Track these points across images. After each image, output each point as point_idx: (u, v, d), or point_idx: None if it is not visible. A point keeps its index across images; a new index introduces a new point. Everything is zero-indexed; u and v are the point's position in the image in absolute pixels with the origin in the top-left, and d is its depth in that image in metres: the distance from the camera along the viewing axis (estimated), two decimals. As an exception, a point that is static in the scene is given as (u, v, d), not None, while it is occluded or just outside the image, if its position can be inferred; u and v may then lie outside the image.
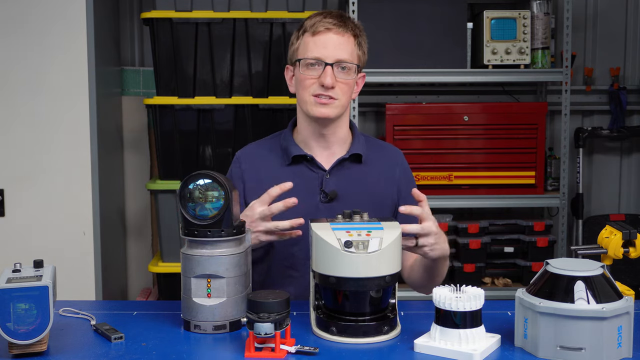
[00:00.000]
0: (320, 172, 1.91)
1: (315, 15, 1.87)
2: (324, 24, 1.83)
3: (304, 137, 1.94)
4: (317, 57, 1.83)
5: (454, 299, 1.37)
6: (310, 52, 1.84)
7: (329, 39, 1.83)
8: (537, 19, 3.50)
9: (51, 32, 3.01)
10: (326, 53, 1.82)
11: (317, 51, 1.83)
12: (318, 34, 1.84)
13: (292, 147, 1.92)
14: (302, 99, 1.88)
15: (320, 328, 1.50)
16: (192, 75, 3.24)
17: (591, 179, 3.99)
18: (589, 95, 3.89)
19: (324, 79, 1.81)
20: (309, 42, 1.85)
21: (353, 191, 1.90)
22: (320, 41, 1.83)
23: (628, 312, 1.34)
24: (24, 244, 3.05)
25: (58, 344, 1.45)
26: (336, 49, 1.83)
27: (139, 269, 3.81)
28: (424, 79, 3.48)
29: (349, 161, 1.93)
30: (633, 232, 1.64)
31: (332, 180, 1.90)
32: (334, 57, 1.83)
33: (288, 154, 1.92)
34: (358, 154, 1.93)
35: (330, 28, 1.83)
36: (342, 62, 1.83)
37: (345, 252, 1.42)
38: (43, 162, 3.06)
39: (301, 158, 1.92)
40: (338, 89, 1.84)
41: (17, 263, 1.44)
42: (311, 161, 1.91)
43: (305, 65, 1.84)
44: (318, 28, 1.83)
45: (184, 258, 1.53)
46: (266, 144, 2.00)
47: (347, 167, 1.93)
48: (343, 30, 1.84)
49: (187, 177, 1.53)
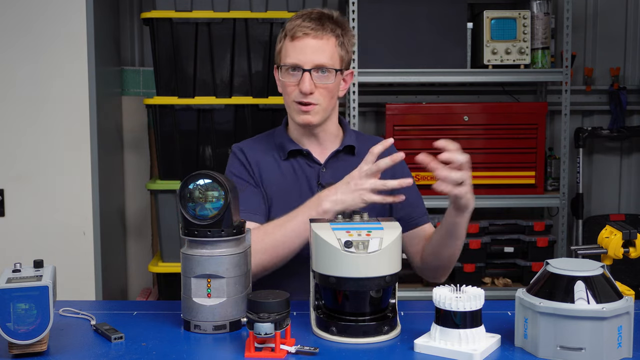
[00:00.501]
0: (316, 166, 1.93)
1: (296, 18, 1.86)
2: (301, 29, 1.82)
3: (296, 136, 1.96)
4: (294, 64, 1.83)
5: (454, 299, 1.37)
6: (289, 58, 1.84)
7: (307, 44, 1.82)
8: (537, 19, 3.50)
9: (51, 32, 3.01)
10: (304, 59, 1.82)
11: (295, 57, 1.83)
12: (296, 39, 1.83)
13: (288, 142, 1.94)
14: (286, 103, 1.90)
15: (320, 328, 1.50)
16: (192, 75, 3.24)
17: (591, 179, 3.99)
18: (589, 95, 3.89)
19: (301, 86, 1.82)
20: (288, 48, 1.84)
21: None
22: (298, 47, 1.83)
23: (628, 312, 1.34)
24: (24, 244, 3.05)
25: (58, 344, 1.45)
26: (314, 54, 1.82)
27: (139, 269, 3.81)
28: (424, 79, 3.48)
29: (343, 153, 1.96)
30: (633, 232, 1.64)
31: (328, 173, 1.92)
32: (311, 63, 1.82)
33: (284, 149, 1.94)
34: (351, 146, 1.95)
35: (307, 33, 1.82)
36: (320, 66, 1.83)
37: (345, 252, 1.42)
38: (43, 162, 3.06)
39: (297, 153, 1.94)
40: (318, 94, 1.84)
41: (17, 263, 1.44)
42: (307, 156, 1.93)
43: (285, 71, 1.85)
44: (296, 33, 1.83)
45: (184, 258, 1.53)
46: (260, 141, 2.01)
47: (342, 159, 1.95)
48: (321, 34, 1.83)
49: (187, 177, 1.53)
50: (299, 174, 1.92)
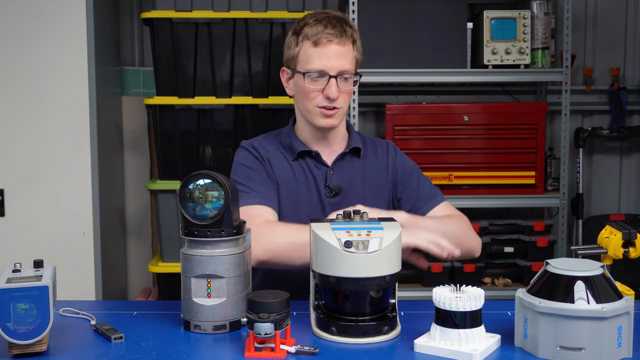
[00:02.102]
0: (323, 168, 1.94)
1: (315, 23, 1.85)
2: (326, 36, 1.83)
3: (305, 138, 1.96)
4: (321, 70, 1.83)
5: (454, 299, 1.37)
6: (314, 64, 1.84)
7: (332, 50, 1.83)
8: (537, 19, 3.50)
9: (51, 32, 3.01)
10: (329, 65, 1.83)
11: (321, 63, 1.83)
12: (320, 46, 1.83)
13: (297, 143, 1.94)
14: (305, 108, 1.89)
15: (320, 328, 1.50)
16: (192, 75, 3.24)
17: (591, 179, 3.99)
18: (589, 95, 3.89)
19: (329, 92, 1.83)
20: (311, 54, 1.84)
21: (355, 184, 1.94)
22: (323, 53, 1.83)
23: (628, 312, 1.34)
24: (24, 244, 3.05)
25: (58, 344, 1.45)
26: (338, 60, 1.84)
27: (139, 269, 3.81)
28: (424, 79, 3.48)
29: (349, 155, 1.97)
30: (633, 232, 1.64)
31: (335, 175, 1.93)
32: (337, 69, 1.83)
33: (293, 150, 1.94)
34: (357, 148, 1.97)
35: (332, 40, 1.83)
36: (344, 72, 1.84)
37: (345, 252, 1.42)
38: (43, 162, 3.06)
39: (305, 154, 1.95)
40: (341, 98, 1.86)
41: (17, 263, 1.44)
42: (316, 157, 1.94)
43: (309, 77, 1.85)
44: (321, 40, 1.83)
45: (184, 258, 1.53)
46: (268, 140, 2.00)
47: (348, 161, 1.96)
48: (344, 40, 1.84)
49: (187, 177, 1.53)
50: (307, 175, 1.93)
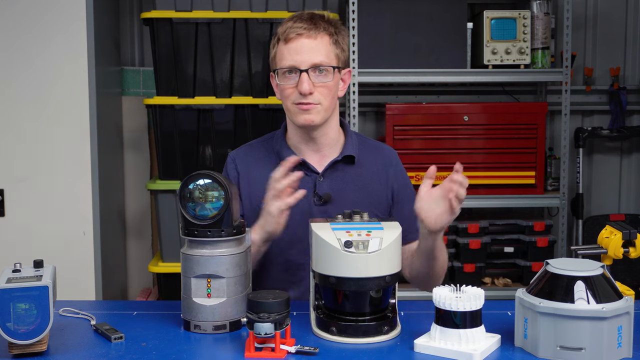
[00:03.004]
0: (313, 175, 1.90)
1: (287, 21, 1.85)
2: (294, 30, 1.81)
3: (295, 142, 1.93)
4: (291, 65, 1.81)
5: (454, 299, 1.37)
6: (285, 60, 1.82)
7: (301, 44, 1.81)
8: (537, 19, 3.50)
9: (51, 32, 3.01)
10: (299, 59, 1.80)
11: (291, 59, 1.81)
12: (290, 41, 1.81)
13: (285, 150, 1.91)
14: (286, 107, 1.87)
15: (320, 328, 1.50)
16: (192, 75, 3.24)
17: (591, 179, 3.99)
18: (589, 95, 3.89)
19: (300, 86, 1.80)
20: (283, 51, 1.83)
21: (347, 193, 1.89)
22: (292, 48, 1.81)
23: (628, 312, 1.34)
24: (24, 244, 3.05)
25: (58, 344, 1.45)
26: (310, 53, 1.81)
27: (139, 269, 3.81)
28: (424, 79, 3.48)
29: (342, 163, 1.92)
30: (633, 232, 1.65)
31: (326, 183, 1.89)
32: (308, 63, 1.80)
33: (280, 158, 1.90)
34: (351, 156, 1.92)
35: (301, 33, 1.81)
36: (318, 65, 1.81)
37: (345, 252, 1.42)
38: (43, 162, 3.06)
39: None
40: (318, 93, 1.82)
41: (17, 263, 1.44)
42: (303, 164, 1.89)
43: (282, 74, 1.83)
44: (289, 35, 1.81)
45: (184, 258, 1.53)
46: (259, 146, 1.99)
47: (340, 169, 1.92)
48: (315, 33, 1.82)
49: (187, 177, 1.53)
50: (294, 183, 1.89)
